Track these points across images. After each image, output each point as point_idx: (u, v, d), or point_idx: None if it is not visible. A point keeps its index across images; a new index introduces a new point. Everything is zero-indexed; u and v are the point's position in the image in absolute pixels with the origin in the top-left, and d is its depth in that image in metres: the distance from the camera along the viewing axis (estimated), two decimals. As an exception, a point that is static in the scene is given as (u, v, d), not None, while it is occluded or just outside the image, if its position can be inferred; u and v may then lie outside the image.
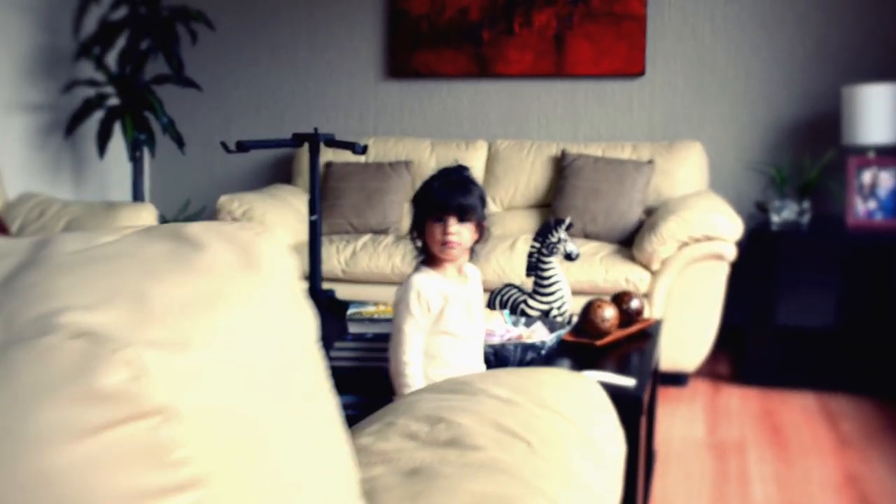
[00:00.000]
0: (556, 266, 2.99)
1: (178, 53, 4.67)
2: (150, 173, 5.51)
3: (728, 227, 3.97)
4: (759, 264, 4.12)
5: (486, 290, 4.04)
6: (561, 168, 4.66)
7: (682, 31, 4.79)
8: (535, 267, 3.01)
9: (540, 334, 2.67)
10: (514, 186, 4.80)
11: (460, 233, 2.33)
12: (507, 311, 2.80)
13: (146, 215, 4.15)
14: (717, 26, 4.74)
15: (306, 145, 3.53)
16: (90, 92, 4.73)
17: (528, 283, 3.06)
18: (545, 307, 2.98)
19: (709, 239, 3.97)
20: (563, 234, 2.98)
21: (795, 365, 4.10)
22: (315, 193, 3.41)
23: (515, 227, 4.73)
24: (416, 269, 2.41)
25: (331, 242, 4.47)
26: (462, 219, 2.32)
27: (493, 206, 4.86)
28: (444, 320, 2.33)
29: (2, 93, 4.58)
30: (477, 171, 4.87)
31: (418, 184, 4.93)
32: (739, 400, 3.96)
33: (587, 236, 4.47)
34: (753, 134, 4.73)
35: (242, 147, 3.06)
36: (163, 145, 5.16)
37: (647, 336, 3.00)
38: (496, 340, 2.53)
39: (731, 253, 3.99)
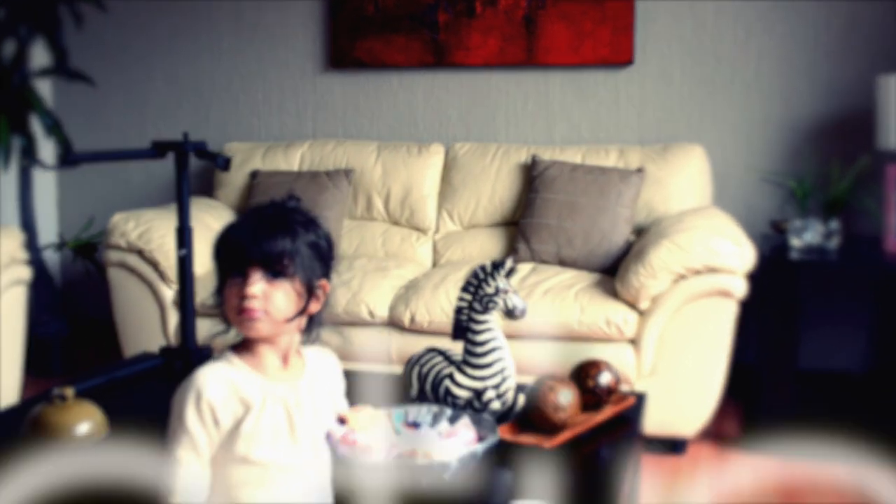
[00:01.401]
0: (493, 327, 2.14)
1: (60, 40, 3.82)
2: (59, 184, 4.67)
3: (736, 256, 3.12)
4: (776, 298, 3.27)
5: (405, 355, 3.19)
6: (531, 178, 3.81)
7: (679, 9, 3.93)
8: (464, 328, 2.16)
9: (461, 438, 1.83)
10: (475, 199, 3.95)
11: (268, 295, 1.52)
12: (397, 413, 1.94)
13: (4, 241, 3.31)
14: (721, 3, 3.87)
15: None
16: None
17: (458, 348, 2.21)
18: (477, 385, 2.12)
19: (711, 271, 3.12)
20: (502, 282, 2.13)
21: (821, 420, 3.25)
22: (184, 220, 2.56)
23: (475, 249, 3.88)
24: (217, 357, 1.59)
25: (249, 270, 3.62)
26: (275, 273, 1.52)
27: (449, 224, 4.00)
28: (240, 440, 1.50)
29: None
30: (431, 181, 4.02)
31: (361, 196, 4.22)
32: (751, 470, 3.19)
33: (562, 263, 3.62)
34: (767, 136, 3.86)
35: (70, 161, 2.21)
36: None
37: (625, 423, 2.16)
38: (376, 457, 1.68)
39: (740, 288, 3.14)
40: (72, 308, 4.51)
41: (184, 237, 2.56)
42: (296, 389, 1.60)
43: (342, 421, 1.68)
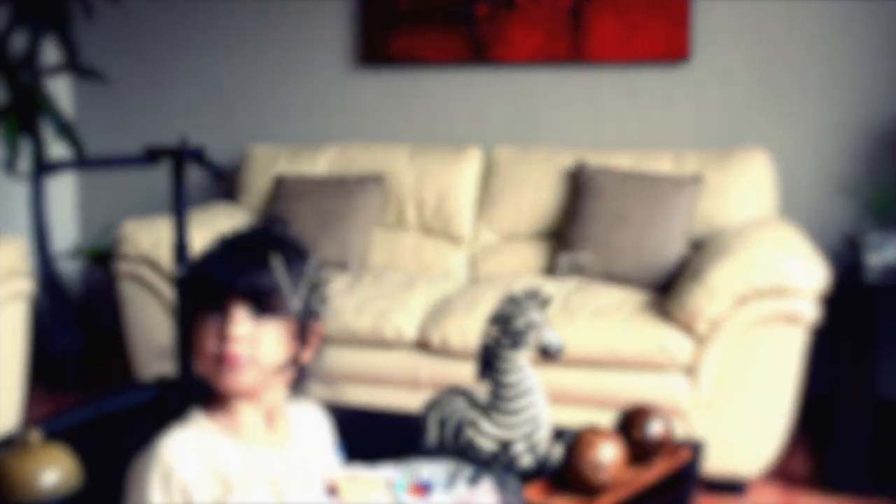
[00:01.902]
0: (525, 366, 1.82)
1: (70, 35, 3.57)
2: (79, 188, 4.43)
3: (805, 276, 2.77)
4: (850, 321, 2.91)
5: (435, 381, 2.85)
6: (577, 185, 3.48)
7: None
8: (491, 366, 1.84)
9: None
10: (515, 208, 3.63)
11: (255, 338, 1.23)
12: (400, 479, 1.63)
13: (4, 252, 3.06)
14: (789, -7, 3.51)
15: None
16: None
17: (482, 390, 1.89)
18: (505, 434, 1.81)
19: (778, 292, 2.77)
20: (535, 314, 1.81)
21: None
22: (181, 236, 2.27)
23: (515, 262, 3.56)
24: (184, 419, 1.28)
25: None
26: (263, 309, 1.23)
27: (486, 235, 3.68)
28: None
29: None
30: (467, 187, 3.70)
31: (391, 204, 3.88)
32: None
33: (610, 279, 3.28)
34: (841, 140, 3.49)
35: (46, 168, 1.94)
36: (93, 153, 4.05)
37: (680, 480, 1.83)
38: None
39: (811, 312, 2.78)
40: (91, 319, 4.26)
41: (181, 253, 2.27)
42: (283, 457, 1.30)
43: (332, 490, 1.38)
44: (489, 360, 1.85)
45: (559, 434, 1.88)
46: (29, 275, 3.19)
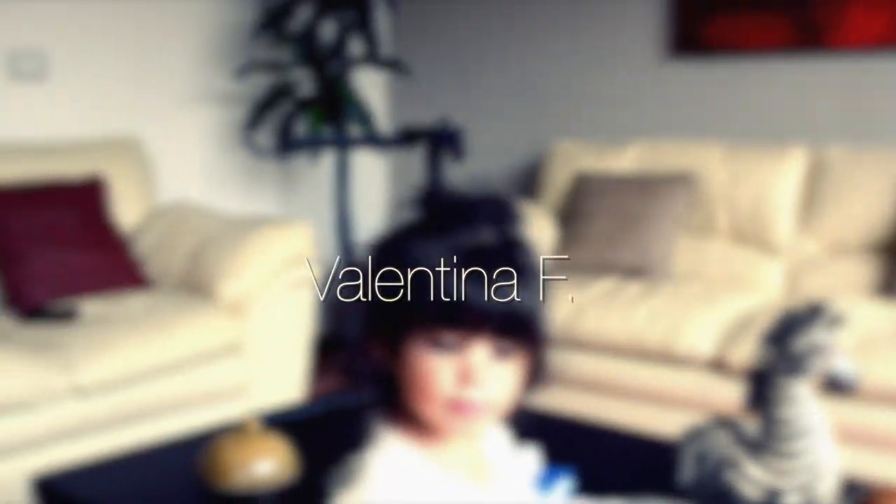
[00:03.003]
0: (804, 400, 1.46)
1: (372, 28, 3.56)
2: (390, 175, 4.46)
3: None
4: None
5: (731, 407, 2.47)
6: (922, 192, 2.93)
7: None
8: (761, 396, 1.49)
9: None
10: (844, 217, 3.14)
11: (495, 380, 0.96)
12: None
13: (291, 237, 3.09)
14: None
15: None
16: (275, 79, 3.74)
17: (752, 423, 1.54)
18: (774, 482, 1.45)
19: None
20: (823, 335, 1.43)
21: None
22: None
23: (841, 279, 3.08)
24: (370, 435, 1.00)
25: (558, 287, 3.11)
26: (510, 340, 0.95)
27: (808, 246, 3.21)
28: None
29: (179, 83, 3.76)
30: (788, 191, 3.25)
31: (700, 207, 3.41)
32: None
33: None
34: None
35: (287, 147, 1.85)
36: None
37: None
38: None
39: None
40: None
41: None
42: (487, 490, 1.04)
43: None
44: (761, 389, 1.49)
45: (850, 489, 1.49)
46: (317, 261, 3.20)
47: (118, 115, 3.57)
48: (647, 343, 2.88)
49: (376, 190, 4.42)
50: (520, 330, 0.94)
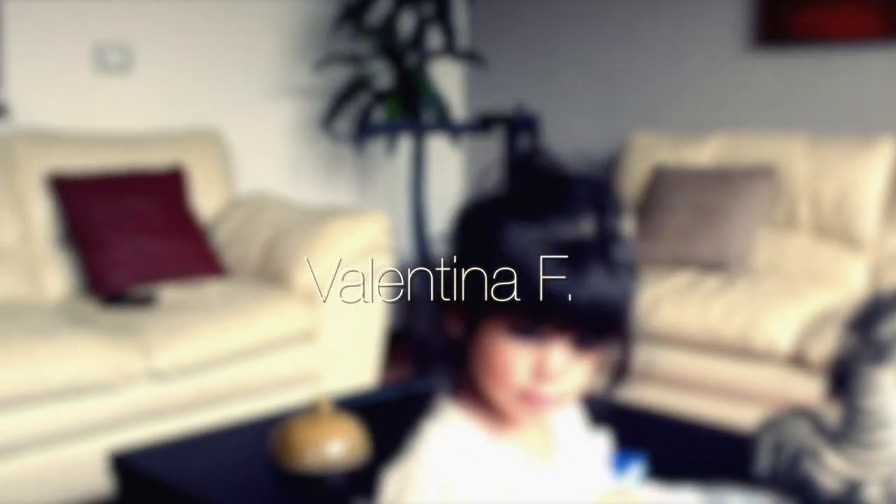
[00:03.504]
0: (888, 389, 1.40)
1: (450, 20, 3.56)
2: (468, 168, 4.45)
3: None
4: None
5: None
6: None
7: None
8: (845, 384, 1.44)
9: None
10: (934, 213, 3.03)
11: (571, 374, 0.92)
12: None
13: (367, 227, 3.10)
14: None
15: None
16: (353, 72, 3.77)
17: (833, 413, 1.49)
18: (855, 473, 1.40)
19: None
20: (909, 321, 1.38)
21: None
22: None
23: (929, 276, 2.97)
24: (433, 412, 0.98)
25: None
26: (587, 339, 0.91)
27: (895, 242, 3.11)
28: None
29: (259, 76, 3.81)
30: (875, 184, 3.16)
31: (782, 201, 3.32)
32: None
33: None
34: None
35: (364, 133, 1.86)
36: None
37: None
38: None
39: None
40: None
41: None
42: (558, 475, 1.01)
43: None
44: (843, 377, 1.45)
45: (937, 483, 1.43)
46: (391, 252, 3.21)
47: (200, 107, 3.64)
48: (725, 337, 2.83)
49: (452, 183, 4.42)
50: (607, 328, 0.91)
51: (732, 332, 2.80)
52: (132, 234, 3.03)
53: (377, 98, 3.65)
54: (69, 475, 2.46)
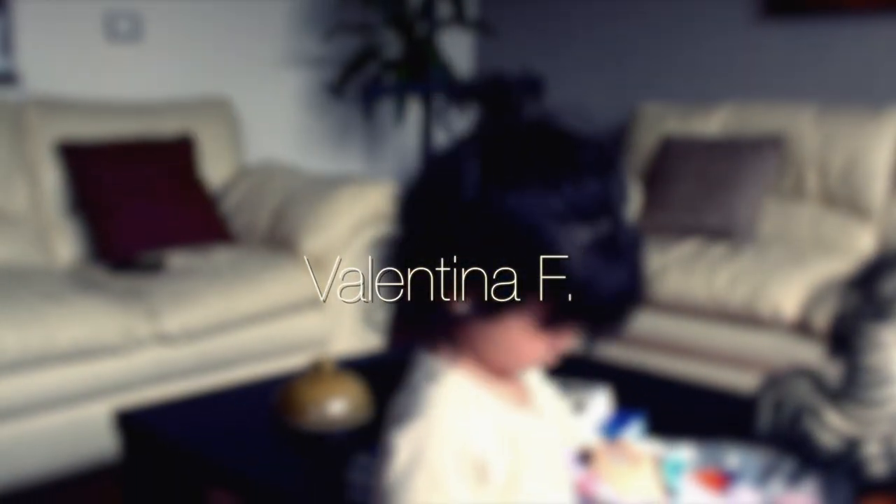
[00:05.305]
0: (890, 347, 1.41)
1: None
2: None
3: None
4: None
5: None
6: None
7: None
8: (846, 342, 1.45)
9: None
10: (943, 183, 3.01)
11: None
12: (672, 459, 1.29)
13: (373, 195, 3.11)
14: None
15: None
16: (362, 41, 3.76)
17: (834, 372, 1.50)
18: (854, 432, 1.41)
19: None
20: (910, 279, 1.38)
21: None
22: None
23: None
24: (430, 375, 0.97)
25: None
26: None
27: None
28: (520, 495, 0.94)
29: (269, 45, 3.80)
30: (883, 154, 3.15)
31: (790, 170, 3.26)
32: None
33: None
34: None
35: (373, 93, 1.86)
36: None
37: None
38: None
39: None
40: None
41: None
42: (544, 422, 1.03)
43: (586, 457, 1.10)
44: (844, 335, 1.45)
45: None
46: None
47: (210, 75, 3.64)
48: (731, 305, 2.83)
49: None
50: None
51: (738, 299, 2.81)
52: (141, 200, 3.05)
53: (386, 67, 3.65)
54: (78, 436, 2.49)
